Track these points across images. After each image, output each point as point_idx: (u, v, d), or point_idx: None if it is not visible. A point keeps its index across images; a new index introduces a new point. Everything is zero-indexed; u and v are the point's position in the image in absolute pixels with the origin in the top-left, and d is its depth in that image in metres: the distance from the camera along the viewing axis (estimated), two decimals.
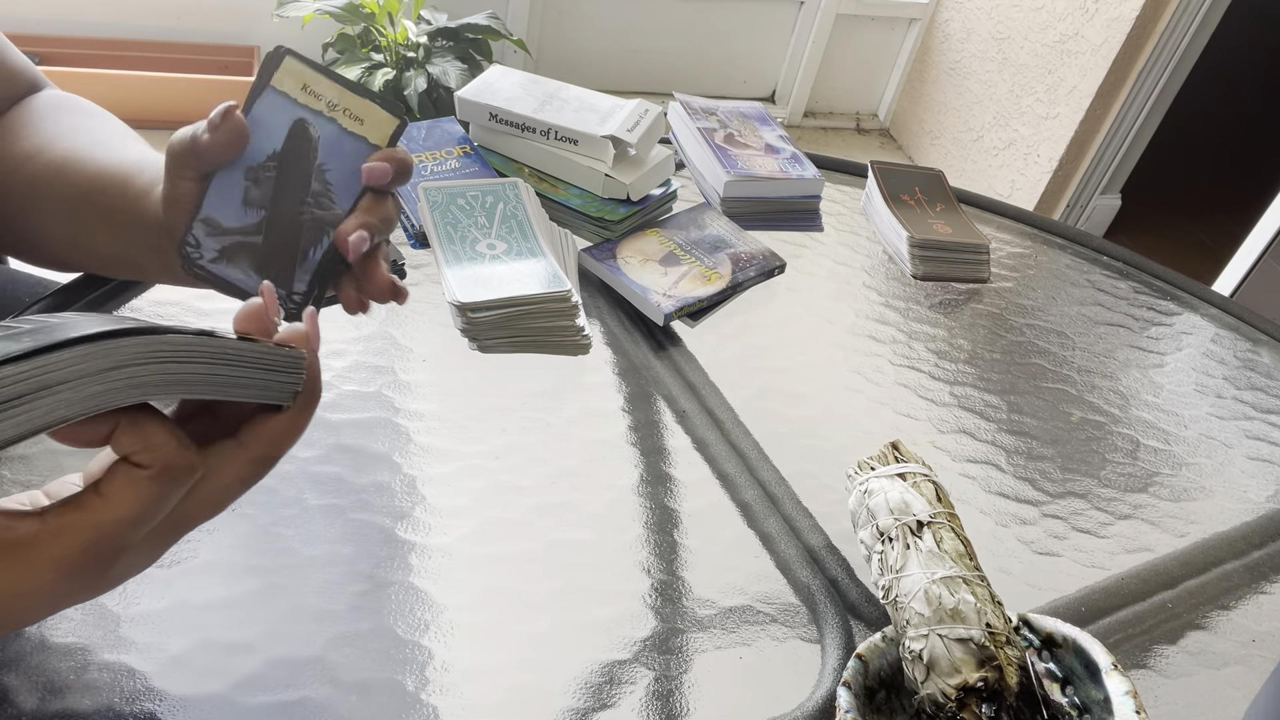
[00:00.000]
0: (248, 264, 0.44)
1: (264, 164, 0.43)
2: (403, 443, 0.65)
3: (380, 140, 0.43)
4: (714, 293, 0.82)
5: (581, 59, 2.73)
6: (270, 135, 0.43)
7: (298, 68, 0.42)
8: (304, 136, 0.43)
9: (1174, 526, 0.71)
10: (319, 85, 0.42)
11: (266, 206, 0.43)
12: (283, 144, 0.43)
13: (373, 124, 0.43)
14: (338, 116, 0.42)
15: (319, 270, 0.44)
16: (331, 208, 0.43)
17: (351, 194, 0.43)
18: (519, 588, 0.57)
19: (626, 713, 0.51)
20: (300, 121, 0.42)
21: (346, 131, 0.43)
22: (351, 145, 0.43)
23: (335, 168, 0.43)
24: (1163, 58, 2.24)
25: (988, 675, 0.46)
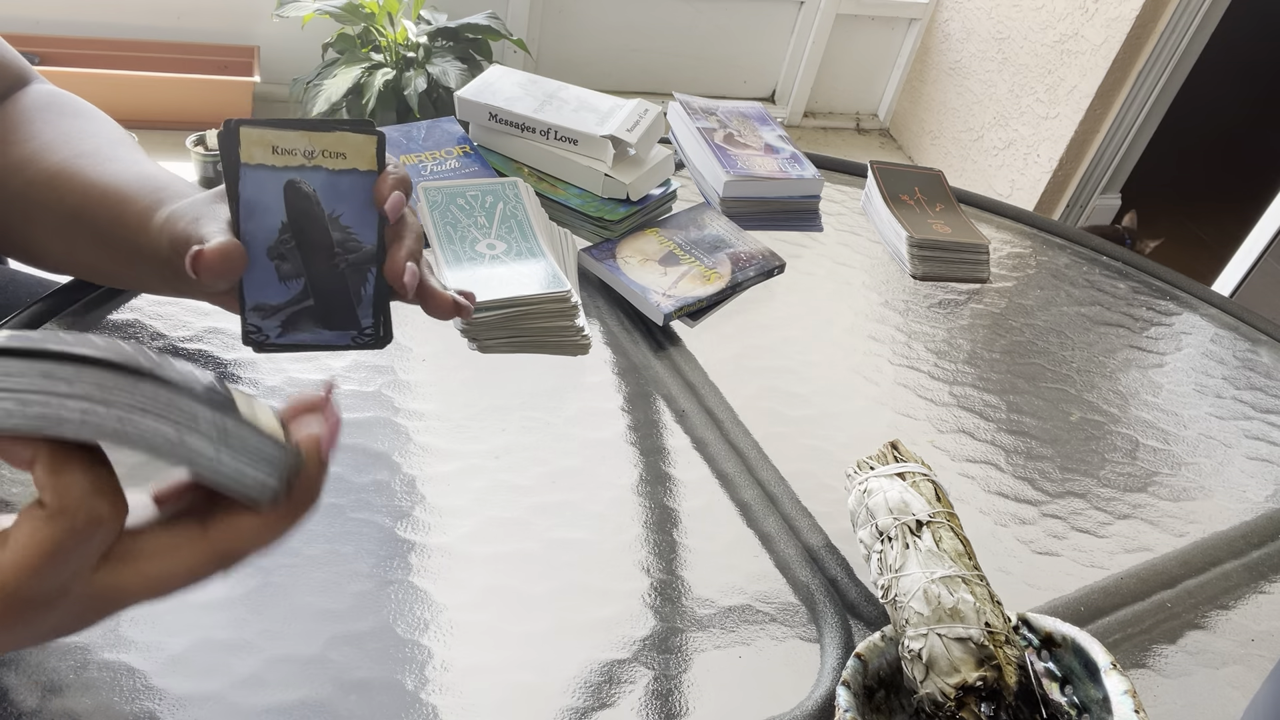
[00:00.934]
0: (311, 324, 0.44)
1: (281, 240, 0.43)
2: (402, 442, 0.65)
3: (369, 163, 0.43)
4: (713, 292, 0.82)
5: (581, 59, 2.73)
6: (269, 211, 0.42)
7: (256, 134, 0.41)
8: (301, 197, 0.42)
9: (1173, 526, 0.71)
10: (285, 140, 0.41)
11: (303, 273, 0.43)
12: (286, 213, 0.42)
13: (354, 152, 0.42)
14: (320, 162, 0.42)
15: (377, 301, 0.44)
16: (361, 247, 0.44)
17: (371, 225, 0.43)
18: (518, 587, 0.57)
19: (626, 712, 0.51)
20: (290, 184, 0.42)
21: (336, 172, 0.42)
22: (348, 183, 0.43)
23: (345, 210, 0.43)
24: (1162, 57, 2.24)
25: (987, 674, 0.46)
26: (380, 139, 0.43)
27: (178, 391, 0.28)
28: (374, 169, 0.43)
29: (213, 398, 0.29)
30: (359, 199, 0.43)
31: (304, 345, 0.45)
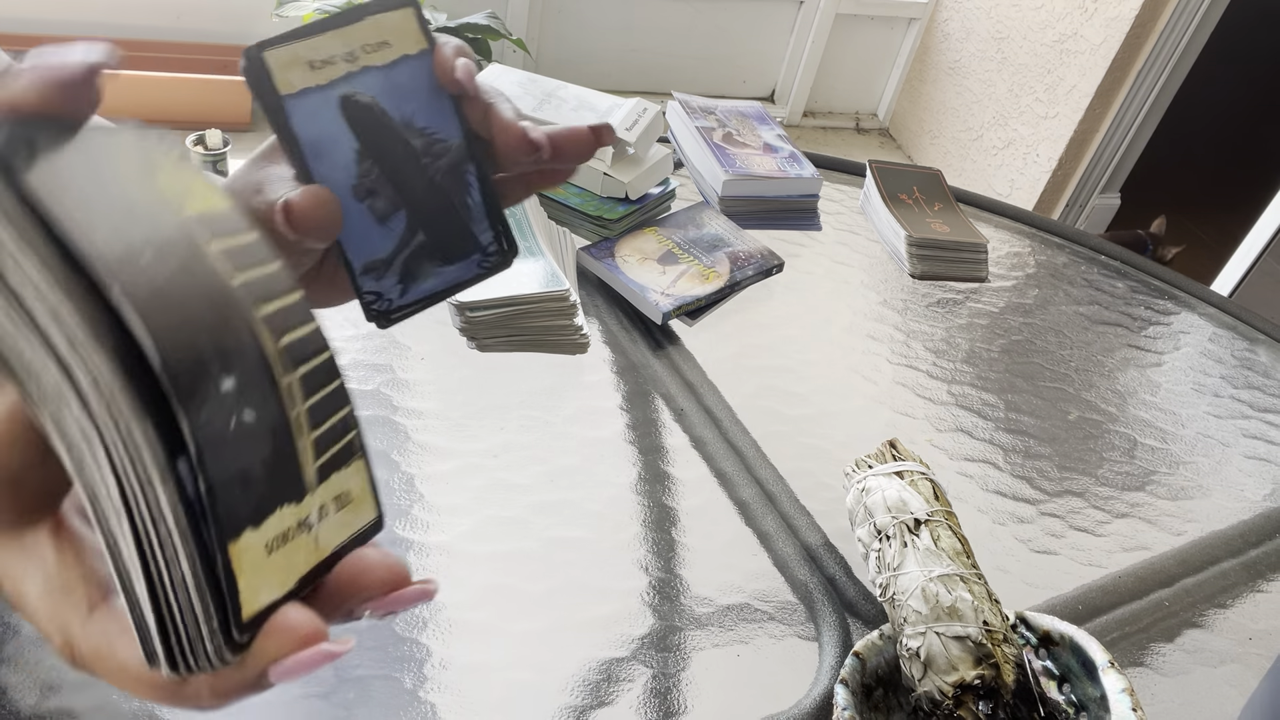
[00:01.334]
0: (429, 265, 0.37)
1: (361, 172, 0.35)
2: (401, 440, 0.65)
3: (418, 42, 0.35)
4: (712, 291, 0.82)
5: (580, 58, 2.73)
6: (337, 142, 0.35)
7: (286, 53, 0.34)
8: (365, 110, 0.35)
9: (1171, 525, 0.71)
10: (319, 49, 0.34)
11: (400, 204, 0.36)
12: (356, 137, 0.35)
13: (396, 34, 0.35)
14: (366, 61, 0.35)
15: (489, 206, 0.37)
16: (448, 146, 0.36)
17: (448, 114, 0.36)
18: (517, 585, 0.57)
19: (624, 710, 0.51)
20: (346, 100, 0.35)
21: (387, 66, 0.35)
22: (405, 74, 0.35)
23: (414, 107, 0.36)
24: (1162, 57, 2.24)
25: (985, 673, 0.46)
26: (417, 7, 0.35)
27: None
28: (425, 46, 0.35)
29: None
30: (423, 87, 0.35)
31: (433, 296, 0.37)
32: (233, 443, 0.22)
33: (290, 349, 0.25)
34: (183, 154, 0.26)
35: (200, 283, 0.23)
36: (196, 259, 0.23)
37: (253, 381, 0.23)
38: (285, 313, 0.25)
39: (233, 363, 0.23)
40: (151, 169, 0.24)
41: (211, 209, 0.25)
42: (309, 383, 0.25)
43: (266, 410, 0.23)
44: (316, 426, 0.25)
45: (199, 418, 0.21)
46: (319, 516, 0.25)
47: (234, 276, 0.24)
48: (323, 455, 0.25)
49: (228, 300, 0.23)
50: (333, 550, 0.26)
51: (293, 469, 0.24)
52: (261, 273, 0.25)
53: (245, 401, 0.23)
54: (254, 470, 0.23)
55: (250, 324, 0.24)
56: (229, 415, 0.22)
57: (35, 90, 0.23)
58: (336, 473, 0.26)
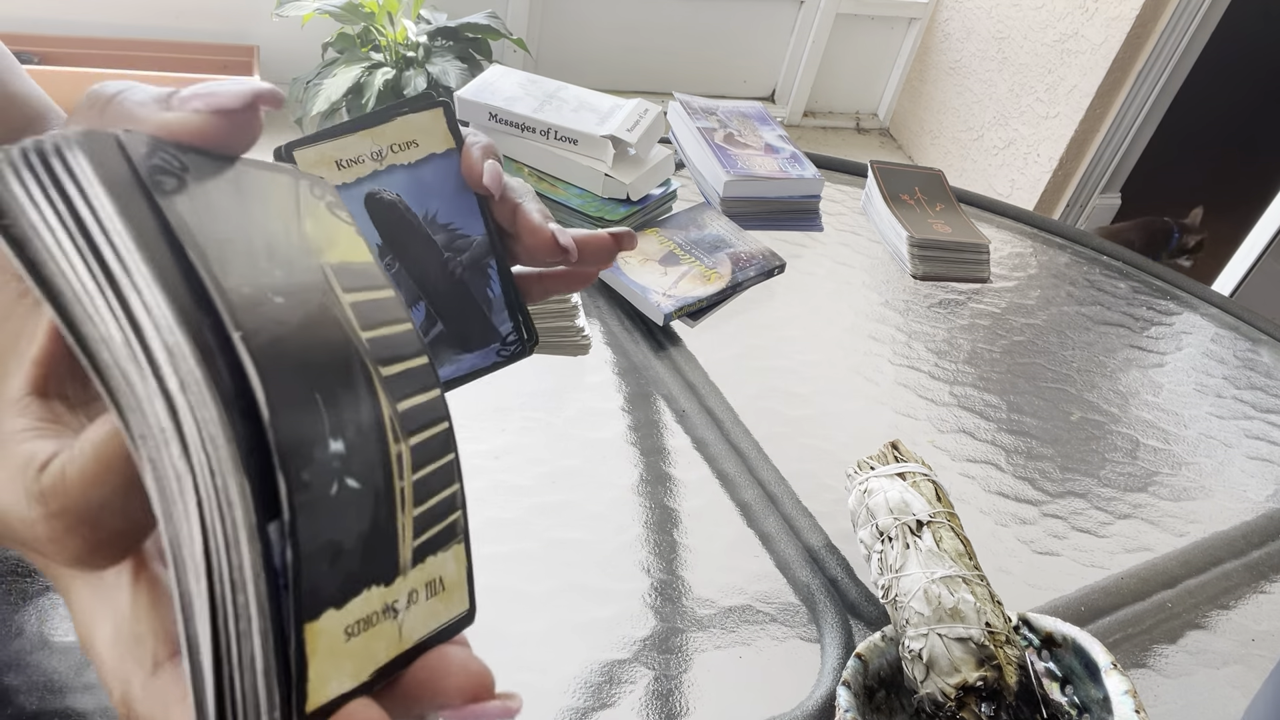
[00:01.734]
0: (448, 353, 0.38)
1: (383, 266, 0.35)
2: None
3: (445, 141, 0.36)
4: (714, 292, 0.82)
5: (581, 58, 2.73)
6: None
7: (314, 153, 0.34)
8: (387, 208, 0.36)
9: (1173, 526, 0.71)
10: (347, 149, 0.35)
11: (420, 296, 0.37)
12: (378, 233, 0.36)
13: (424, 134, 0.36)
14: (393, 159, 0.36)
15: (509, 299, 0.38)
16: (470, 241, 0.37)
17: (472, 211, 0.37)
18: (518, 587, 0.57)
19: (626, 712, 0.51)
20: (370, 197, 0.35)
21: (414, 165, 0.36)
22: (431, 173, 0.36)
23: (439, 205, 0.36)
24: (1162, 57, 2.24)
25: (987, 674, 0.46)
26: (447, 109, 0.36)
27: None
28: (452, 146, 0.36)
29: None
30: (449, 186, 0.36)
31: (450, 383, 0.38)
32: (330, 511, 0.20)
33: (407, 415, 0.23)
34: (335, 202, 0.25)
35: (326, 335, 0.22)
36: (326, 310, 0.22)
37: (363, 446, 0.22)
38: (408, 376, 0.24)
39: (346, 423, 0.21)
40: (300, 212, 0.24)
41: (352, 260, 0.24)
42: (420, 453, 0.24)
43: (372, 479, 0.22)
44: (421, 502, 0.23)
45: (300, 479, 0.20)
46: (408, 602, 0.23)
47: (362, 333, 0.23)
48: (422, 535, 0.23)
49: (351, 357, 0.22)
50: (416, 642, 0.23)
51: (389, 546, 0.22)
52: (390, 332, 0.24)
53: (351, 467, 0.21)
54: (348, 543, 0.21)
55: (369, 385, 0.22)
56: (331, 480, 0.20)
57: (198, 119, 0.23)
58: (433, 555, 0.24)
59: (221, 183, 0.22)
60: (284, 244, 0.22)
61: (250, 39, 2.39)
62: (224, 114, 0.23)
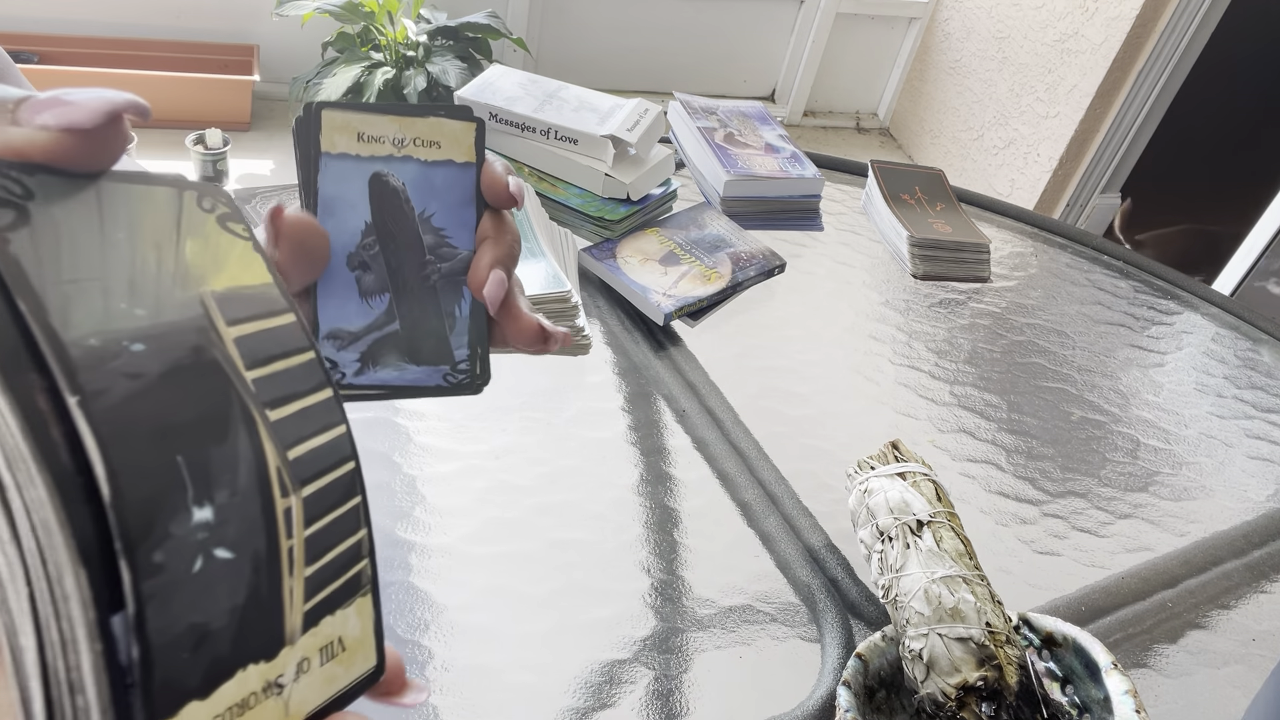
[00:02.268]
0: (396, 357, 0.37)
1: (363, 244, 0.35)
2: (402, 442, 0.65)
3: (467, 154, 0.36)
4: (714, 292, 0.82)
5: (581, 58, 2.73)
6: (353, 209, 0.35)
7: (340, 118, 0.34)
8: (388, 192, 0.36)
9: (1174, 525, 0.71)
10: (372, 125, 0.35)
11: (388, 287, 0.36)
12: (370, 211, 0.36)
13: (450, 140, 0.36)
14: (412, 151, 0.35)
15: (474, 326, 0.37)
16: (455, 253, 0.37)
17: (468, 228, 0.37)
18: (519, 587, 0.57)
19: (626, 712, 0.51)
20: (376, 177, 0.35)
21: (429, 164, 0.36)
22: (442, 177, 0.36)
23: (438, 209, 0.36)
24: (1163, 57, 2.24)
25: (987, 674, 0.46)
26: (480, 126, 0.36)
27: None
28: (472, 161, 0.36)
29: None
30: (455, 196, 0.36)
31: (386, 388, 0.37)
32: (192, 591, 0.18)
33: (301, 462, 0.21)
34: (229, 214, 0.22)
35: (196, 384, 0.19)
36: (201, 353, 0.19)
37: (239, 509, 0.19)
38: (305, 416, 0.21)
39: (216, 486, 0.19)
40: (181, 232, 0.21)
41: (243, 284, 0.21)
42: (316, 504, 0.21)
43: (249, 544, 0.19)
44: (315, 559, 0.21)
45: (150, 563, 0.17)
46: (296, 674, 0.20)
47: (247, 373, 0.20)
48: (315, 596, 0.21)
49: (229, 405, 0.19)
50: (307, 716, 0.21)
51: (271, 617, 0.20)
52: (284, 366, 0.21)
53: (222, 536, 0.18)
54: (216, 623, 0.18)
55: (252, 435, 0.20)
56: (194, 555, 0.18)
57: (45, 137, 0.19)
58: (329, 616, 0.21)
59: (76, 207, 0.19)
60: (152, 276, 0.19)
61: (250, 38, 2.39)
62: (76, 131, 0.19)
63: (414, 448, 0.64)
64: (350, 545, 0.22)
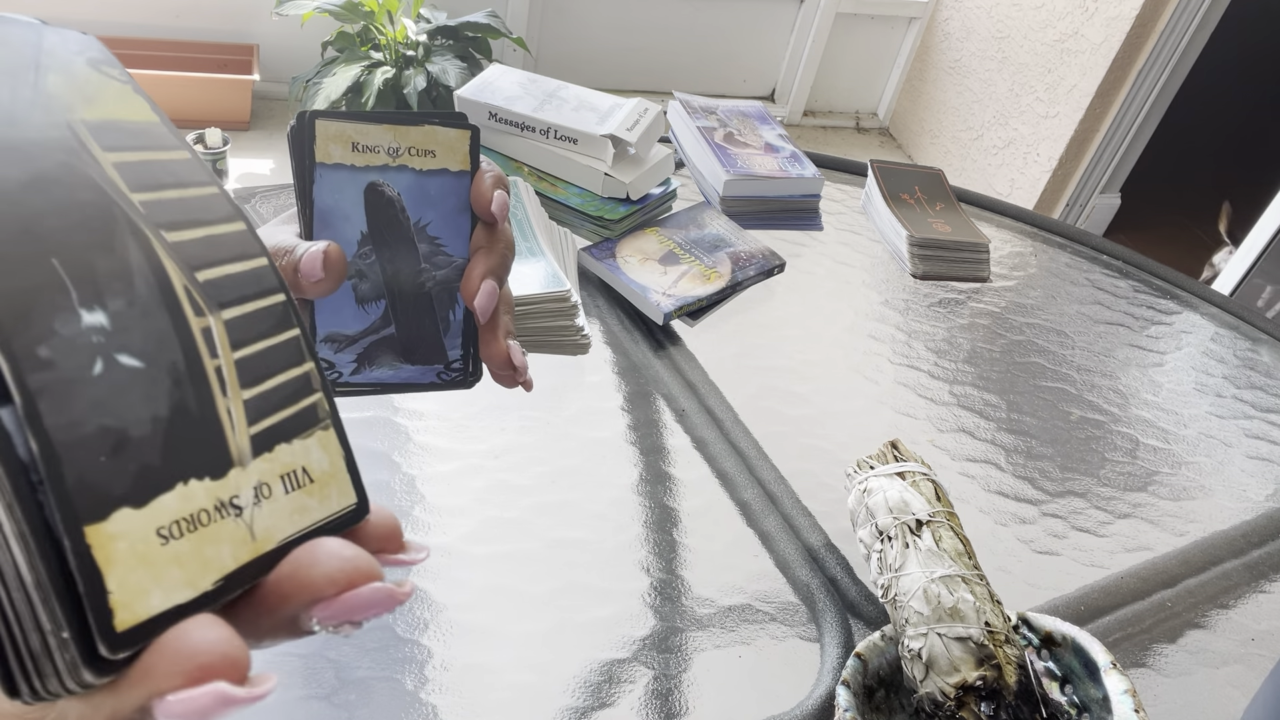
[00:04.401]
0: (391, 357, 0.38)
1: (360, 253, 0.36)
2: (402, 441, 0.65)
3: (461, 163, 0.36)
4: (713, 292, 0.82)
5: (581, 57, 2.73)
6: (348, 219, 0.36)
7: (334, 128, 0.34)
8: (384, 202, 0.36)
9: (1173, 525, 0.71)
10: (367, 135, 0.35)
11: (384, 294, 0.37)
12: (366, 221, 0.36)
13: (445, 149, 0.36)
14: (407, 161, 0.36)
15: (467, 329, 0.38)
16: (450, 261, 0.37)
17: (463, 235, 0.37)
18: (518, 587, 0.57)
19: (626, 711, 0.51)
20: (371, 187, 0.36)
21: (424, 173, 0.36)
22: (437, 186, 0.36)
23: (433, 218, 0.37)
24: (1162, 57, 2.24)
25: (986, 674, 0.46)
26: (474, 134, 0.36)
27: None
28: (467, 169, 0.36)
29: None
30: (450, 204, 0.37)
31: (382, 385, 0.38)
32: (95, 393, 0.17)
33: (215, 285, 0.20)
34: (100, 59, 0.21)
35: (65, 197, 0.18)
36: (71, 169, 0.19)
37: (140, 320, 0.19)
38: (213, 242, 0.21)
39: (108, 294, 0.18)
40: (39, 68, 0.20)
41: (122, 118, 0.20)
42: (242, 328, 0.21)
43: (162, 356, 0.19)
44: (252, 384, 0.21)
45: (35, 356, 0.17)
46: (254, 498, 0.20)
47: (133, 194, 0.20)
48: (261, 421, 0.21)
49: (114, 220, 0.19)
50: (280, 543, 0.20)
51: (208, 434, 0.19)
52: (179, 195, 0.20)
53: (124, 343, 0.18)
54: (135, 430, 0.18)
55: (146, 251, 0.19)
56: (91, 357, 0.17)
57: None
58: (284, 444, 0.21)
59: None
60: (7, 99, 0.19)
61: (250, 38, 2.39)
62: None
63: (413, 447, 0.64)
64: (296, 376, 0.21)
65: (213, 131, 2.10)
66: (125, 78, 0.21)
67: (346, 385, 0.37)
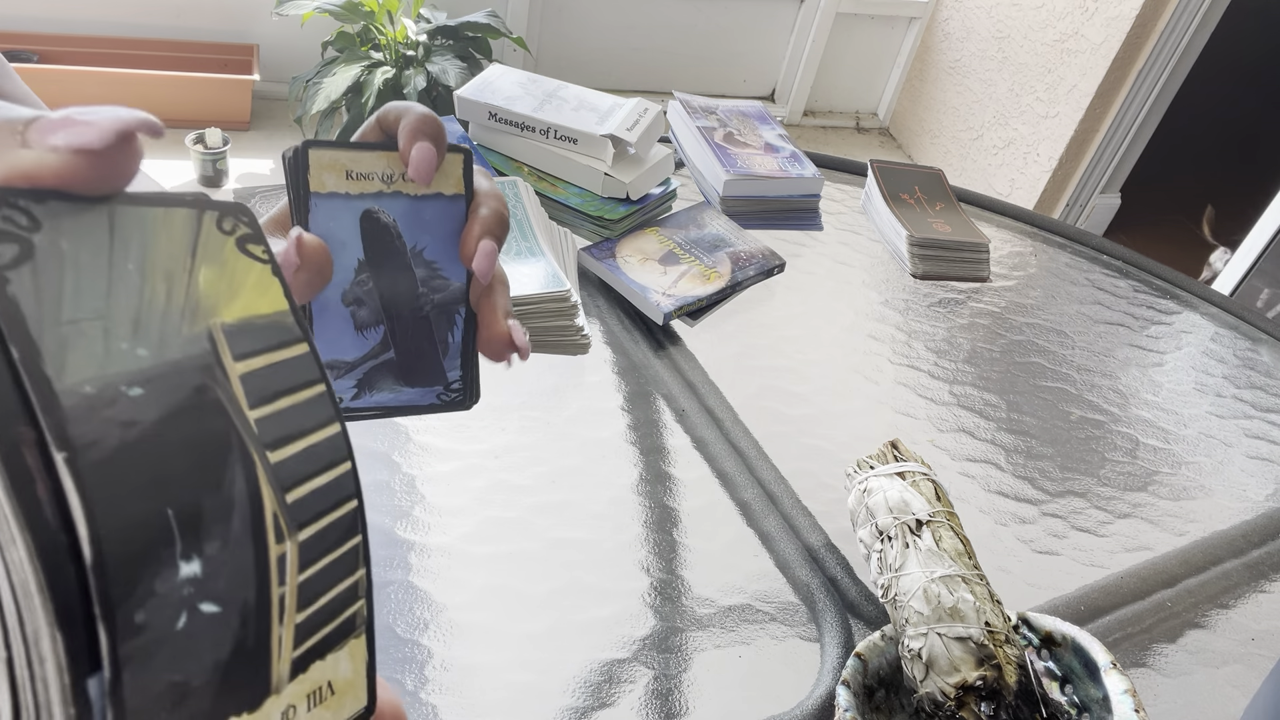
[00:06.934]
0: (391, 381, 0.38)
1: (357, 281, 0.36)
2: (402, 442, 0.65)
3: (455, 187, 0.36)
4: (713, 292, 0.82)
5: (581, 57, 2.73)
6: (344, 247, 0.36)
7: (328, 156, 0.34)
8: (380, 229, 0.36)
9: (1173, 525, 0.71)
10: (360, 163, 0.35)
11: (382, 320, 0.37)
12: (363, 248, 0.36)
13: (439, 174, 0.36)
14: (401, 187, 0.36)
15: (465, 350, 0.38)
16: (447, 284, 0.37)
17: (458, 260, 0.37)
18: (518, 587, 0.57)
19: (626, 711, 0.51)
20: (367, 215, 0.36)
21: (418, 199, 0.36)
22: (432, 211, 0.36)
23: (429, 242, 0.37)
24: (1162, 57, 2.24)
25: (986, 674, 0.46)
26: (467, 157, 0.37)
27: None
28: (461, 192, 0.36)
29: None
30: (445, 228, 0.37)
31: (383, 410, 0.38)
32: (174, 649, 0.17)
33: (300, 505, 0.20)
34: (250, 235, 0.21)
35: (196, 429, 0.18)
36: (203, 394, 0.18)
37: (229, 560, 0.18)
38: (309, 454, 0.20)
39: (207, 538, 0.18)
40: (197, 257, 0.19)
41: (256, 313, 0.20)
42: (313, 548, 0.20)
43: (237, 596, 0.18)
44: (307, 605, 0.20)
45: (131, 624, 0.16)
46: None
47: (251, 412, 0.19)
48: (305, 642, 0.20)
49: (229, 450, 0.18)
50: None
51: (257, 668, 0.19)
52: (291, 403, 0.20)
53: (210, 590, 0.18)
54: (197, 680, 0.17)
55: (250, 479, 0.19)
56: (178, 612, 0.17)
57: (56, 159, 0.18)
58: (320, 661, 0.20)
59: (86, 237, 0.18)
60: (160, 311, 0.18)
61: (250, 38, 2.39)
62: (88, 154, 0.18)
63: (414, 447, 0.64)
64: (346, 587, 0.21)
65: (213, 131, 2.10)
66: (267, 256, 0.21)
67: (347, 410, 0.37)
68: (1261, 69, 3.08)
